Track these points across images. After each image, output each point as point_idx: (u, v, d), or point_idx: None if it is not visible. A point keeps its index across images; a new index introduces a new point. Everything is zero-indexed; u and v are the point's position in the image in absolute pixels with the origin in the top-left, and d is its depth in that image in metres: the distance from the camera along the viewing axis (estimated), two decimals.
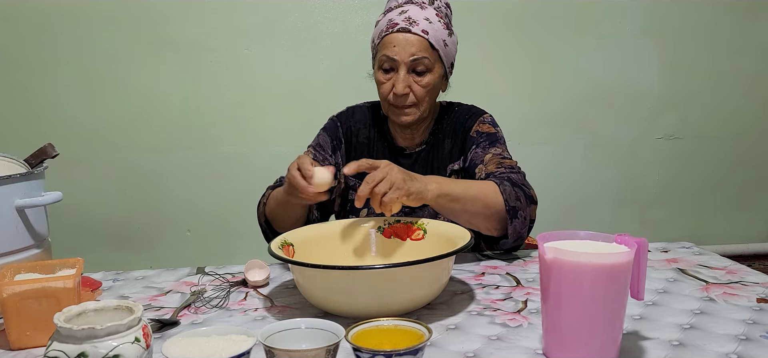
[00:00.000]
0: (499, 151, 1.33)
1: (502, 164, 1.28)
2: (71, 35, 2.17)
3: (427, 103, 1.33)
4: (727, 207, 2.53)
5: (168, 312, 1.04)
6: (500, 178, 1.23)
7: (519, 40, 2.34)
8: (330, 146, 1.42)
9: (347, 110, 1.48)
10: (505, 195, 1.18)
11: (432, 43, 1.28)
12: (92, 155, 2.23)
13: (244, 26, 2.22)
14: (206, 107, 2.25)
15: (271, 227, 1.35)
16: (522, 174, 1.28)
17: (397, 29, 1.28)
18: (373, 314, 0.84)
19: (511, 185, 1.20)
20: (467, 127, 1.39)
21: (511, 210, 1.18)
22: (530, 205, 1.22)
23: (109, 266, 1.44)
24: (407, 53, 1.27)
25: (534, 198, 1.23)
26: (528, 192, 1.22)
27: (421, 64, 1.28)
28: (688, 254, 1.30)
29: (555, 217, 2.36)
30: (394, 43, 1.28)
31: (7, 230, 1.12)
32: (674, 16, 2.37)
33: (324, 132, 1.45)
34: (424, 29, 1.27)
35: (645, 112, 2.43)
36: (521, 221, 1.19)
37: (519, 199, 1.19)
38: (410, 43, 1.27)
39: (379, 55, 1.31)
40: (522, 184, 1.23)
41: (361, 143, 1.43)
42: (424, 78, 1.29)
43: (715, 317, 0.94)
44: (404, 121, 1.34)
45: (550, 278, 0.78)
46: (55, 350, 0.68)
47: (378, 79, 1.33)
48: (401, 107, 1.32)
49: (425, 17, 1.28)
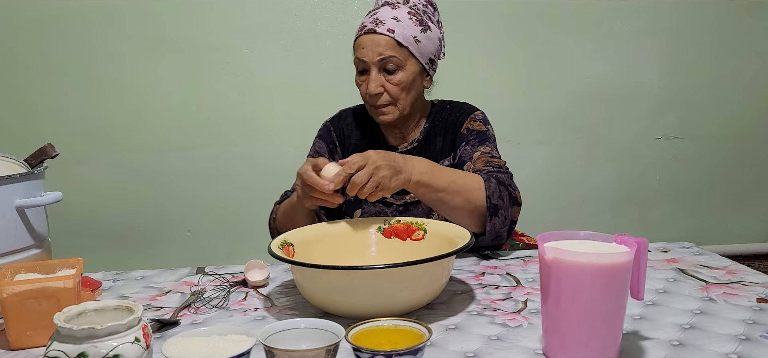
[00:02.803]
0: (489, 150, 1.34)
1: (490, 163, 1.30)
2: (71, 35, 2.17)
3: (406, 100, 1.34)
4: (727, 207, 2.53)
5: (168, 312, 1.04)
6: (488, 174, 1.24)
7: (519, 40, 2.34)
8: (326, 151, 1.46)
9: (339, 114, 1.51)
10: (488, 192, 1.19)
11: (399, 41, 1.30)
12: (92, 155, 2.23)
13: (244, 26, 2.22)
14: (206, 107, 2.25)
15: None
16: (509, 175, 1.30)
17: (364, 31, 1.31)
18: (373, 314, 0.84)
19: (497, 182, 1.22)
20: (458, 124, 1.40)
21: (492, 207, 1.19)
22: (513, 206, 1.23)
23: (109, 266, 1.44)
24: (374, 53, 1.30)
25: (518, 199, 1.24)
26: (513, 193, 1.23)
27: (391, 62, 1.30)
28: (688, 254, 1.30)
29: (555, 217, 2.36)
30: (363, 45, 1.31)
31: (7, 230, 1.12)
32: (674, 16, 2.37)
33: (319, 139, 1.49)
34: (389, 28, 1.29)
35: (645, 112, 2.43)
36: (501, 220, 1.20)
37: (502, 198, 1.20)
38: (376, 43, 1.29)
39: (354, 58, 1.35)
40: (508, 184, 1.24)
41: (354, 144, 1.45)
42: (396, 76, 1.31)
43: (715, 317, 0.94)
44: (384, 121, 1.36)
45: (550, 278, 0.78)
46: (55, 350, 0.68)
47: (356, 81, 1.37)
48: (378, 107, 1.34)
49: (393, 17, 1.30)
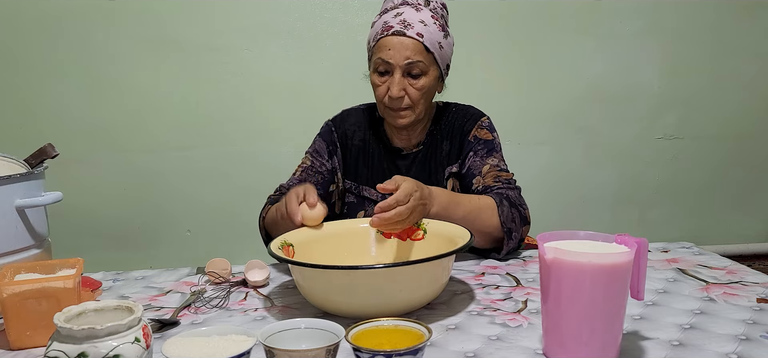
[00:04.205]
0: (496, 162, 1.35)
1: (499, 178, 1.32)
2: (71, 35, 2.17)
3: (423, 105, 1.34)
4: (727, 207, 2.53)
5: (168, 312, 1.04)
6: (498, 195, 1.27)
7: (519, 40, 2.34)
8: (326, 151, 1.44)
9: (342, 114, 1.49)
10: (502, 217, 1.23)
11: (427, 46, 1.28)
12: (92, 155, 2.23)
13: (244, 26, 2.22)
14: (206, 107, 2.25)
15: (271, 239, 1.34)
16: (518, 189, 1.32)
17: (392, 32, 1.27)
18: (373, 314, 0.84)
19: (509, 205, 1.25)
20: (465, 131, 1.39)
21: (507, 231, 1.24)
22: (523, 226, 1.28)
23: (109, 266, 1.44)
24: (402, 56, 1.27)
25: (527, 219, 1.29)
26: (523, 213, 1.27)
27: (417, 68, 1.28)
28: (688, 254, 1.30)
29: (555, 217, 2.36)
30: (389, 47, 1.28)
31: (7, 230, 1.12)
32: (674, 16, 2.37)
33: (319, 138, 1.47)
34: (419, 32, 1.27)
35: (645, 112, 2.43)
36: (514, 242, 1.27)
37: (514, 220, 1.25)
38: (405, 47, 1.27)
39: (375, 58, 1.31)
40: (519, 203, 1.28)
41: (356, 146, 1.44)
42: (420, 81, 1.30)
43: (715, 317, 0.94)
44: (400, 124, 1.34)
45: (550, 278, 0.78)
46: (55, 350, 0.68)
47: (373, 81, 1.34)
48: (397, 110, 1.32)
49: (420, 20, 1.28)
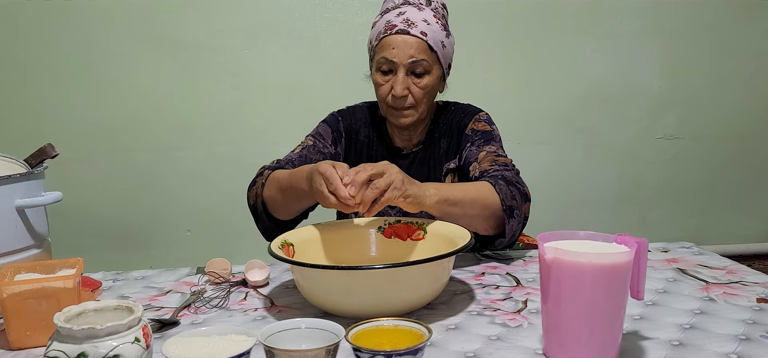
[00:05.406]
0: (494, 149, 1.32)
1: (495, 162, 1.28)
2: (71, 35, 2.17)
3: (426, 104, 1.33)
4: (727, 207, 2.53)
5: (168, 312, 1.04)
6: (494, 176, 1.22)
7: (519, 40, 2.34)
8: (330, 137, 1.42)
9: (349, 108, 1.49)
10: (501, 195, 1.17)
11: (430, 45, 1.28)
12: (92, 155, 2.23)
13: (244, 26, 2.22)
14: (206, 107, 2.25)
15: (267, 212, 1.29)
16: (515, 171, 1.27)
17: (395, 31, 1.27)
18: (373, 314, 0.84)
19: (505, 183, 1.19)
20: (463, 126, 1.39)
21: (508, 209, 1.17)
22: (525, 202, 1.21)
23: (109, 266, 1.44)
24: (406, 55, 1.27)
25: (528, 195, 1.23)
26: (522, 189, 1.22)
27: (420, 66, 1.28)
28: (688, 254, 1.30)
29: (555, 217, 2.36)
30: (393, 45, 1.27)
31: (7, 230, 1.12)
32: (674, 16, 2.37)
33: (324, 124, 1.45)
34: (422, 31, 1.27)
35: (645, 112, 2.43)
36: (517, 220, 1.19)
37: (514, 198, 1.19)
38: (409, 45, 1.26)
39: (378, 57, 1.31)
40: (516, 182, 1.22)
41: (361, 142, 1.44)
42: (423, 80, 1.29)
43: (715, 317, 0.94)
44: (403, 123, 1.34)
45: (550, 278, 0.78)
46: (55, 350, 0.68)
47: (376, 80, 1.33)
48: (400, 109, 1.32)
49: (423, 19, 1.28)
